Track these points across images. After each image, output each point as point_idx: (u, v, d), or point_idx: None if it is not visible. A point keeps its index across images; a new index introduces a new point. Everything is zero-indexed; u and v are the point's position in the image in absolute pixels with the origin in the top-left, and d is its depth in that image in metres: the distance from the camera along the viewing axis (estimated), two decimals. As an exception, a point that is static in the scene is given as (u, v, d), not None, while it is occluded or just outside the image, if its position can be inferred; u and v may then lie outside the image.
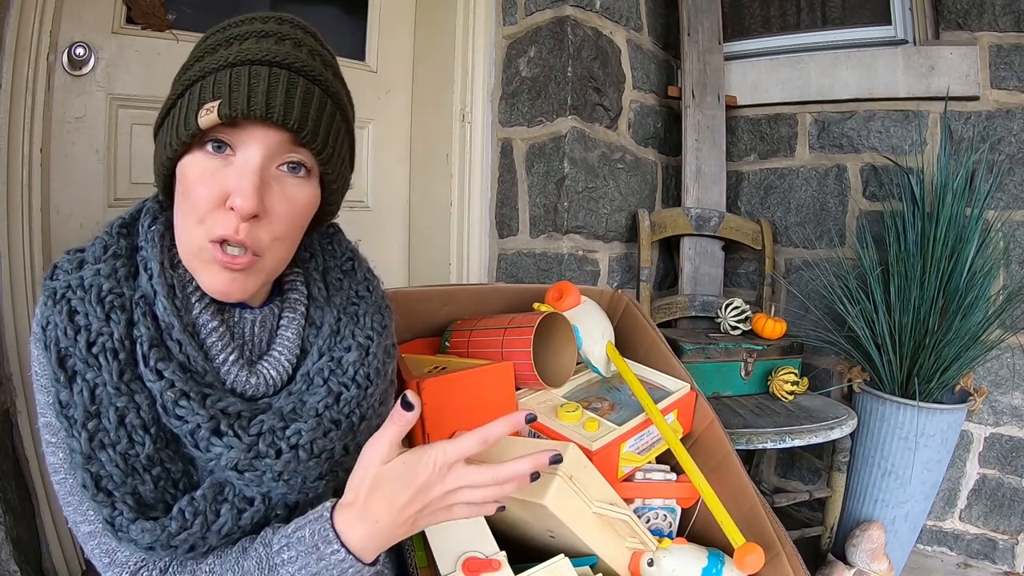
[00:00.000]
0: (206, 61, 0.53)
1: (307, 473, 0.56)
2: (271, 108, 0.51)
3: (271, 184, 0.54)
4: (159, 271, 0.55)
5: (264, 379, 0.58)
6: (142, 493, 0.51)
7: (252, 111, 0.50)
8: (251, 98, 0.50)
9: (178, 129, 0.53)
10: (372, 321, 0.65)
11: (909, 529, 1.50)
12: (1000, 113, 1.54)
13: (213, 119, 0.50)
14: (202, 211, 0.52)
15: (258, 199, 0.52)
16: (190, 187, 0.53)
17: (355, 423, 0.59)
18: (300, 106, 0.53)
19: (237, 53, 0.52)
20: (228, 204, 0.52)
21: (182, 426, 0.51)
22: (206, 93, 0.51)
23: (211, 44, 0.55)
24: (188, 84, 0.53)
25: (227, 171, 0.52)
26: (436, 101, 1.72)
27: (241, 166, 0.52)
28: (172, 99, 0.55)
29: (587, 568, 0.69)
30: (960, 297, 1.42)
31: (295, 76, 0.53)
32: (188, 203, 0.53)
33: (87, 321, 0.52)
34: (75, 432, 0.50)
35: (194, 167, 0.53)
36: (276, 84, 0.51)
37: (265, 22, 0.55)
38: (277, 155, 0.54)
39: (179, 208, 0.55)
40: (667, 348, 1.02)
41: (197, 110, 0.51)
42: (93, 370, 0.51)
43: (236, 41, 0.54)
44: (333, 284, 0.67)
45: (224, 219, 0.52)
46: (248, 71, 0.51)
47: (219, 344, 0.56)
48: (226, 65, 0.52)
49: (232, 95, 0.50)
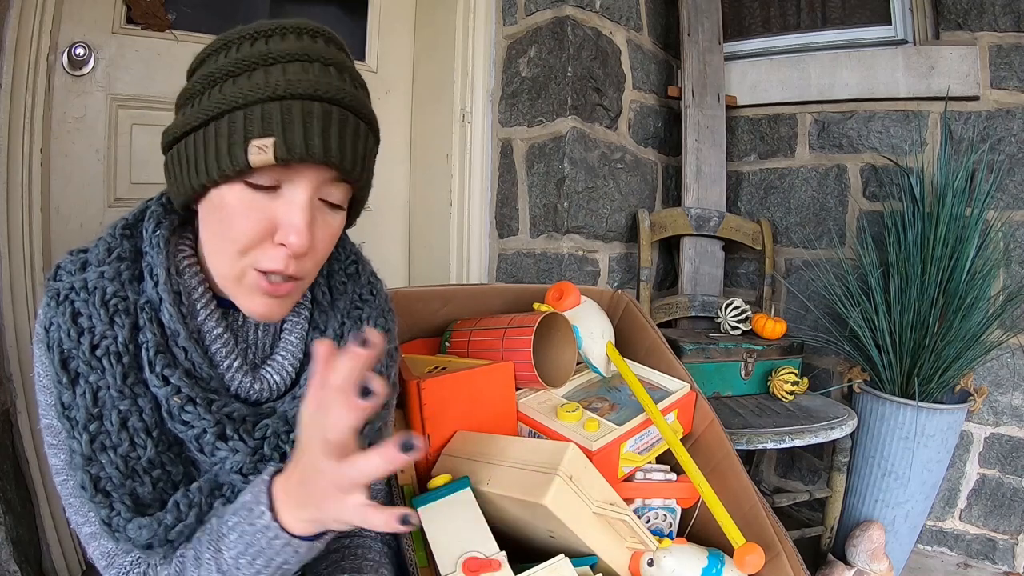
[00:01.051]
0: (244, 83, 0.50)
1: None
2: (328, 151, 0.50)
3: (316, 217, 0.53)
4: (165, 278, 0.54)
5: (268, 384, 0.59)
6: (140, 494, 0.51)
7: (311, 154, 0.49)
8: (308, 140, 0.49)
9: (219, 159, 0.50)
10: (376, 325, 0.66)
11: (909, 529, 1.50)
12: (1000, 113, 1.54)
13: (268, 160, 0.48)
14: (245, 244, 0.52)
15: (311, 236, 0.52)
16: (232, 218, 0.51)
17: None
18: (351, 146, 0.52)
19: (286, 85, 0.49)
20: (278, 239, 0.51)
21: (187, 431, 0.52)
22: (254, 126, 0.49)
23: (246, 59, 0.51)
24: (227, 108, 0.50)
25: (274, 205, 0.51)
26: (436, 101, 1.72)
27: (291, 203, 0.51)
28: (203, 117, 0.51)
29: (587, 568, 0.69)
30: (960, 297, 1.42)
31: (344, 112, 0.52)
32: (229, 233, 0.52)
33: (90, 324, 0.52)
34: (76, 434, 0.50)
35: (234, 197, 0.51)
36: (330, 124, 0.50)
37: (300, 36, 0.53)
38: (320, 191, 0.53)
39: (214, 234, 0.53)
40: (667, 348, 1.02)
41: (244, 144, 0.49)
42: (96, 373, 0.51)
43: (277, 64, 0.50)
44: (337, 288, 0.67)
45: (272, 253, 0.52)
46: (301, 108, 0.49)
47: (223, 351, 0.57)
48: (274, 97, 0.49)
49: (287, 135, 0.48)
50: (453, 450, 0.80)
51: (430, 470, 0.80)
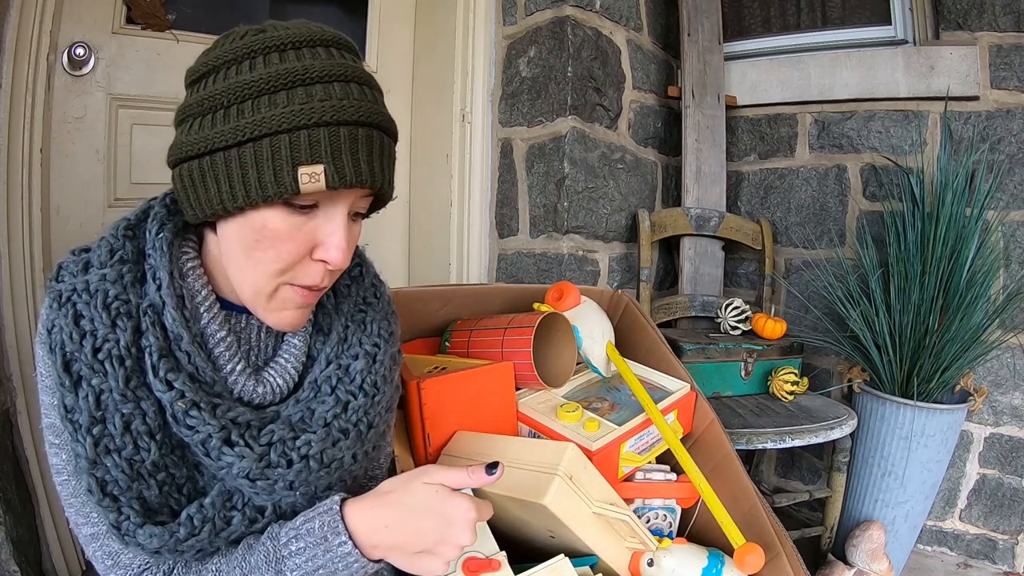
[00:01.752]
0: (282, 103, 0.49)
1: (318, 482, 0.56)
2: (374, 177, 0.52)
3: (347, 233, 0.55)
4: (168, 281, 0.54)
5: (271, 387, 0.58)
6: (147, 498, 0.51)
7: (360, 182, 0.51)
8: (356, 167, 0.51)
9: (263, 184, 0.49)
10: (379, 328, 0.66)
11: (909, 529, 1.50)
12: (1000, 113, 1.54)
13: (319, 187, 0.49)
14: (288, 263, 0.53)
15: (350, 253, 0.55)
16: (276, 241, 0.52)
17: (363, 431, 0.60)
18: (388, 168, 0.55)
19: (332, 111, 0.49)
20: (317, 256, 0.53)
21: (193, 436, 0.51)
22: (301, 153, 0.49)
23: (279, 76, 0.49)
24: (268, 131, 0.49)
25: (313, 224, 0.53)
26: (436, 101, 1.72)
27: (330, 220, 0.53)
28: (237, 138, 0.49)
29: (587, 568, 0.69)
30: (960, 297, 1.42)
31: (383, 136, 0.54)
32: (271, 253, 0.52)
33: (93, 327, 0.51)
34: (80, 437, 0.50)
35: (278, 221, 0.51)
36: (372, 149, 0.52)
37: (329, 50, 0.53)
38: (354, 208, 0.56)
39: (250, 253, 0.53)
40: (667, 348, 1.02)
41: (292, 169, 0.49)
42: (99, 376, 0.51)
43: (316, 84, 0.50)
44: (341, 291, 0.67)
45: (311, 269, 0.54)
46: (348, 134, 0.50)
47: (227, 354, 0.57)
48: (321, 123, 0.49)
49: (336, 162, 0.49)
50: (453, 450, 0.80)
51: (430, 470, 0.80)
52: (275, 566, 0.52)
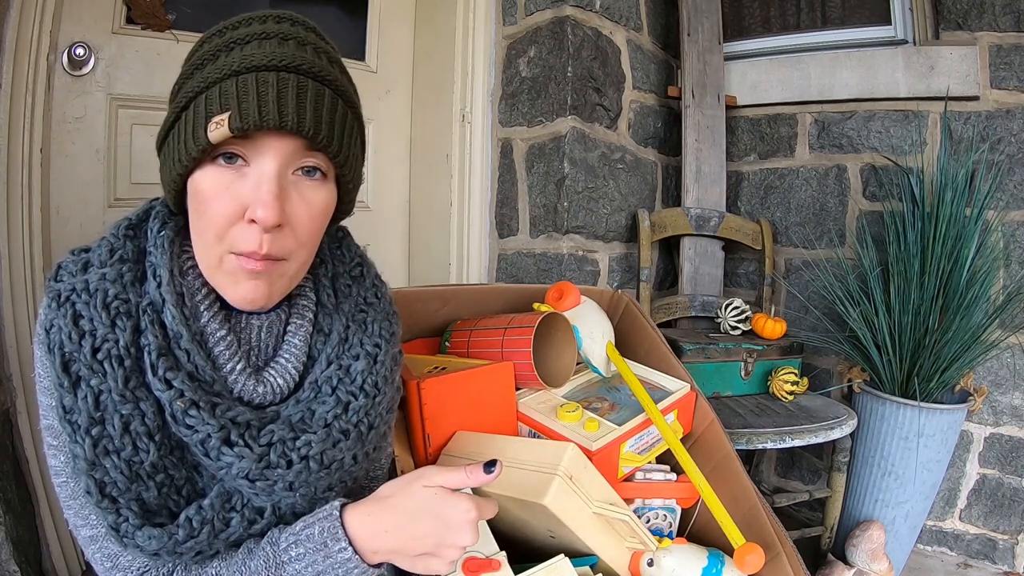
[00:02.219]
0: (207, 70, 0.51)
1: (318, 484, 0.56)
2: (284, 117, 0.49)
3: (289, 191, 0.52)
4: (168, 279, 0.54)
5: (271, 387, 0.58)
6: (146, 499, 0.51)
7: (265, 121, 0.49)
8: (262, 108, 0.48)
9: (186, 144, 0.51)
10: (380, 329, 0.65)
11: (909, 529, 1.50)
12: (1000, 113, 1.54)
13: (224, 133, 0.49)
14: (221, 227, 0.51)
15: (279, 209, 0.51)
16: (205, 203, 0.51)
17: (363, 432, 0.59)
18: (312, 111, 0.51)
19: (240, 59, 0.50)
20: (248, 217, 0.51)
21: (192, 435, 0.51)
22: (213, 105, 0.49)
23: (210, 50, 0.52)
24: (191, 95, 0.51)
25: (242, 183, 0.51)
26: (436, 101, 1.72)
27: (257, 177, 0.51)
28: (175, 112, 0.53)
29: (587, 568, 0.69)
30: (960, 297, 1.42)
31: (304, 79, 0.51)
32: (205, 219, 0.52)
33: (92, 327, 0.51)
34: (79, 438, 0.49)
35: (207, 181, 0.51)
36: (286, 90, 0.50)
37: (264, 22, 0.53)
38: (292, 161, 0.52)
39: (195, 224, 0.54)
40: (667, 348, 1.02)
41: (205, 123, 0.49)
42: (98, 376, 0.50)
43: (237, 46, 0.52)
44: (342, 290, 0.66)
45: (245, 233, 0.51)
46: (255, 78, 0.49)
47: (227, 353, 0.56)
48: (231, 74, 0.49)
49: (242, 106, 0.48)
50: (453, 450, 0.80)
51: (430, 470, 0.80)
52: (275, 571, 0.52)
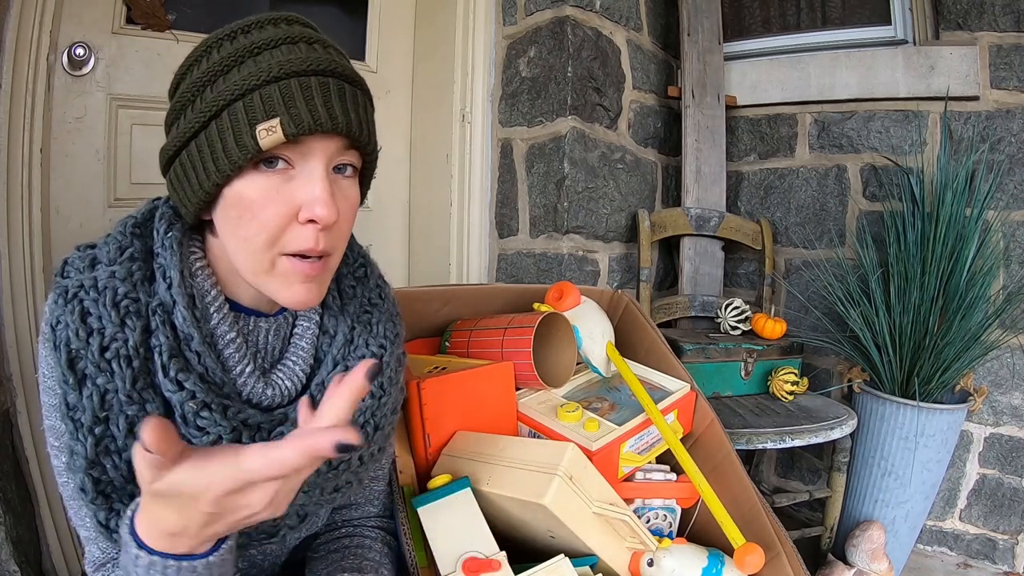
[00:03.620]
0: (236, 76, 0.50)
1: (324, 484, 0.56)
2: (335, 120, 0.50)
3: (334, 188, 0.53)
4: (179, 280, 0.53)
5: (279, 390, 0.58)
6: None
7: (318, 125, 0.49)
8: (313, 112, 0.49)
9: (227, 152, 0.50)
10: (385, 330, 0.65)
11: (909, 529, 1.50)
12: (1000, 113, 1.54)
13: (278, 139, 0.49)
14: (274, 231, 0.51)
15: (335, 206, 0.51)
16: (254, 209, 0.51)
17: (369, 433, 0.60)
18: (354, 111, 0.52)
19: (278, 65, 0.50)
20: (304, 217, 0.51)
21: (202, 437, 0.51)
22: (256, 112, 0.49)
23: (230, 56, 0.51)
24: (225, 104, 0.50)
25: (291, 185, 0.51)
26: (436, 101, 1.72)
27: (307, 178, 0.51)
28: (201, 120, 0.51)
29: (587, 568, 0.69)
30: (960, 297, 1.42)
31: (341, 82, 0.52)
32: (254, 225, 0.51)
33: (100, 325, 0.50)
34: (81, 436, 0.49)
35: (252, 188, 0.51)
36: (329, 93, 0.51)
37: (277, 25, 0.53)
38: (332, 161, 0.53)
39: (235, 231, 0.52)
40: (667, 348, 1.02)
41: (251, 130, 0.49)
42: (105, 375, 0.50)
43: (264, 50, 0.51)
44: (346, 292, 0.66)
45: (300, 233, 0.51)
46: (299, 83, 0.50)
47: (236, 355, 0.56)
48: (271, 80, 0.49)
49: (291, 111, 0.49)
50: (453, 450, 0.80)
51: (430, 470, 0.80)
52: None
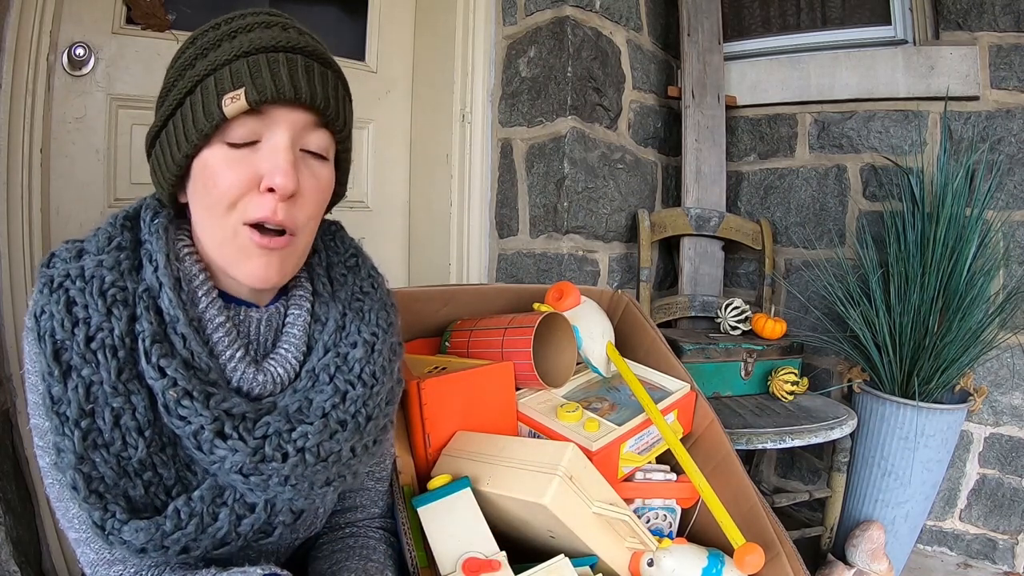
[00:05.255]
0: (211, 56, 0.52)
1: (314, 478, 0.54)
2: (298, 90, 0.51)
3: (299, 164, 0.54)
4: (164, 262, 0.53)
5: (272, 377, 0.57)
6: (132, 497, 0.49)
7: (281, 93, 0.50)
8: (277, 82, 0.50)
9: (196, 123, 0.51)
10: (377, 318, 0.64)
11: (909, 529, 1.50)
12: (1000, 113, 1.54)
13: (241, 106, 0.50)
14: (233, 197, 0.52)
15: (296, 176, 0.52)
16: (216, 175, 0.52)
17: (361, 424, 0.58)
18: (321, 87, 0.53)
19: (248, 42, 0.51)
20: (264, 186, 0.52)
21: (184, 427, 0.50)
22: (224, 83, 0.50)
23: (210, 41, 0.53)
24: (197, 80, 0.51)
25: (256, 156, 0.52)
26: (436, 101, 1.72)
27: (272, 147, 0.52)
28: (177, 99, 0.53)
29: (587, 568, 0.69)
30: (960, 297, 1.42)
31: (309, 60, 0.53)
32: (216, 192, 0.52)
33: (86, 314, 0.50)
34: (67, 431, 0.48)
35: (217, 157, 0.52)
36: (295, 67, 0.52)
37: (257, 15, 0.55)
38: (300, 137, 0.54)
39: (201, 201, 0.54)
40: (667, 348, 1.02)
41: (218, 100, 0.50)
42: (90, 367, 0.49)
43: (240, 32, 0.53)
44: (337, 280, 0.66)
45: (259, 202, 0.52)
46: (266, 58, 0.51)
47: (225, 340, 0.55)
48: (240, 55, 0.51)
49: (256, 81, 0.50)
50: (453, 450, 0.80)
51: (430, 470, 0.80)
52: None
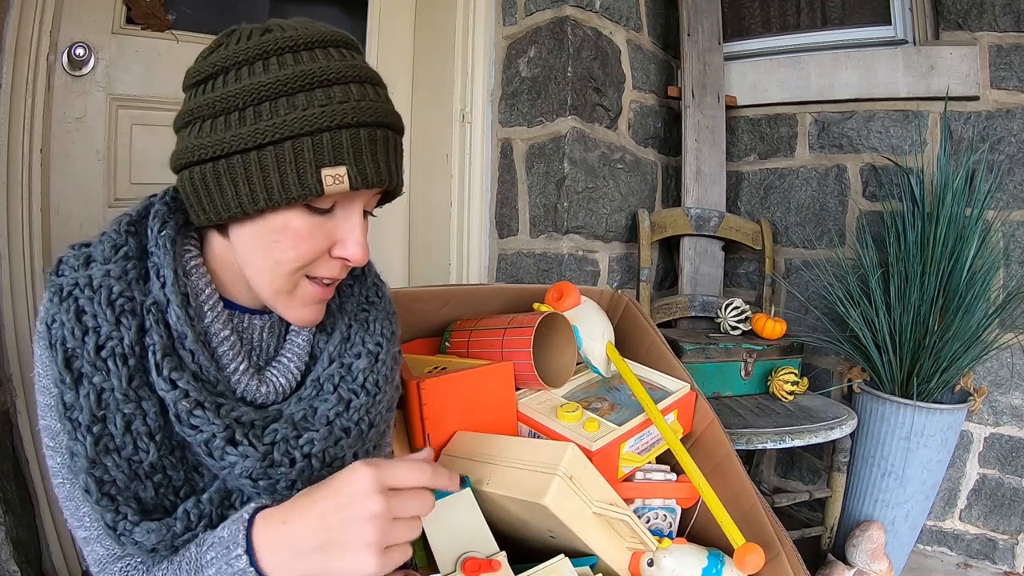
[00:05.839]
0: (302, 105, 0.49)
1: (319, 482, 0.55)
2: (392, 177, 0.55)
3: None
4: (172, 279, 0.53)
5: (273, 387, 0.58)
6: (143, 499, 0.51)
7: (380, 181, 0.53)
8: (376, 167, 0.52)
9: (287, 186, 0.50)
10: (382, 328, 0.66)
11: (909, 529, 1.50)
12: (1000, 113, 1.54)
13: (343, 188, 0.51)
14: (307, 261, 0.54)
15: (367, 248, 0.56)
16: (296, 240, 0.53)
17: (364, 430, 0.60)
18: (399, 167, 0.57)
19: (352, 112, 0.50)
20: (336, 254, 0.55)
21: (196, 435, 0.51)
22: (323, 156, 0.50)
23: (295, 77, 0.49)
24: (291, 134, 0.49)
25: (331, 224, 0.54)
26: (436, 101, 1.72)
27: (350, 221, 0.55)
28: (258, 140, 0.49)
29: (587, 568, 0.69)
30: (960, 297, 1.42)
31: (396, 137, 0.56)
32: (292, 253, 0.53)
33: (96, 323, 0.50)
34: (79, 436, 0.49)
35: (299, 222, 0.52)
36: (388, 149, 0.54)
37: (339, 50, 0.53)
38: (367, 205, 0.58)
39: (266, 252, 0.54)
40: (667, 348, 1.02)
41: (316, 171, 0.50)
42: (101, 374, 0.50)
43: (334, 84, 0.51)
44: (344, 290, 0.67)
45: (329, 264, 0.56)
46: (368, 136, 0.52)
47: (230, 353, 0.56)
48: (343, 125, 0.50)
49: (358, 163, 0.51)
50: (453, 450, 0.80)
51: (430, 470, 0.80)
52: (196, 575, 0.49)
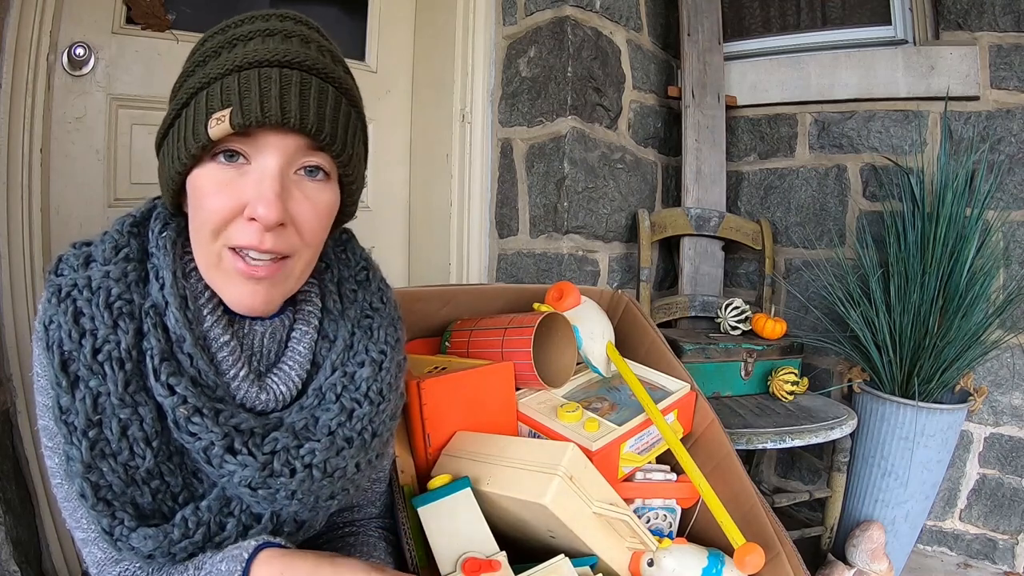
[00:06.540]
0: (209, 66, 0.50)
1: (320, 492, 0.55)
2: (286, 113, 0.48)
3: (292, 189, 0.51)
4: (171, 281, 0.52)
5: (274, 394, 0.57)
6: (140, 504, 0.50)
7: (267, 118, 0.48)
8: (264, 104, 0.48)
9: (186, 141, 0.50)
10: (386, 335, 0.64)
11: (909, 529, 1.50)
12: (1000, 113, 1.54)
13: (225, 129, 0.48)
14: (218, 222, 0.50)
15: (281, 207, 0.49)
16: (204, 199, 0.50)
17: (367, 440, 0.58)
18: (316, 108, 0.50)
19: (243, 55, 0.49)
20: (248, 214, 0.50)
21: (194, 443, 0.50)
22: (214, 101, 0.48)
23: (212, 47, 0.51)
24: (192, 92, 0.50)
25: (243, 180, 0.50)
26: (436, 101, 1.72)
27: (259, 174, 0.50)
28: (175, 109, 0.52)
29: (587, 568, 0.69)
30: (960, 297, 1.42)
31: (307, 76, 0.50)
32: (202, 215, 0.51)
33: (93, 326, 0.50)
34: (75, 440, 0.48)
35: (206, 178, 0.50)
36: (288, 86, 0.49)
37: (267, 20, 0.52)
38: (294, 160, 0.51)
39: (192, 222, 0.53)
40: (667, 348, 1.02)
41: (206, 120, 0.48)
42: (97, 378, 0.49)
43: (240, 42, 0.51)
44: (347, 296, 0.65)
45: (244, 229, 0.50)
46: (258, 74, 0.48)
47: (230, 359, 0.55)
48: (233, 69, 0.48)
49: (243, 101, 0.47)
50: (453, 450, 0.80)
51: (430, 470, 0.80)
52: None
